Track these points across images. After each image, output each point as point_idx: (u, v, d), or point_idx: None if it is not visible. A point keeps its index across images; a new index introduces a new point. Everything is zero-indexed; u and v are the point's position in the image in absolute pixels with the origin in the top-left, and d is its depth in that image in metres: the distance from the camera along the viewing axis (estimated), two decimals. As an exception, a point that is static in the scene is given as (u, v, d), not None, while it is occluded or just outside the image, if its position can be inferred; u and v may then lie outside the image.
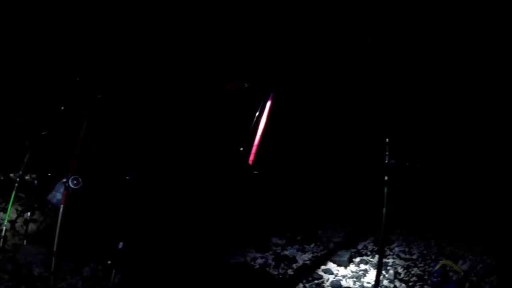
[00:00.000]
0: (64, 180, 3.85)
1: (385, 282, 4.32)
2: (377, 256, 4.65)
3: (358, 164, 5.28)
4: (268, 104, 4.51)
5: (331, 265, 4.79)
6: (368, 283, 4.42)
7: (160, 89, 5.40)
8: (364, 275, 4.56)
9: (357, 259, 4.86)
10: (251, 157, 4.37)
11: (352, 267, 4.75)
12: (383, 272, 4.41)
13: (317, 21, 5.10)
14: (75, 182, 3.84)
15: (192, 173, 5.29)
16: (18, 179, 4.63)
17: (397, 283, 4.30)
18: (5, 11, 4.86)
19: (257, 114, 4.49)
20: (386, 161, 3.82)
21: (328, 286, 4.44)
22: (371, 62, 4.91)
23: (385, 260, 4.63)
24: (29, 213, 4.94)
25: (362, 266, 4.72)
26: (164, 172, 5.23)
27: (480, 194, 4.72)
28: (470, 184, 4.85)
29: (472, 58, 4.56)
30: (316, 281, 4.51)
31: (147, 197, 5.02)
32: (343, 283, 4.45)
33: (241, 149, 4.44)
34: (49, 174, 4.65)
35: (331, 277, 4.57)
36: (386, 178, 3.82)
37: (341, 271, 4.69)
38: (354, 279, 4.50)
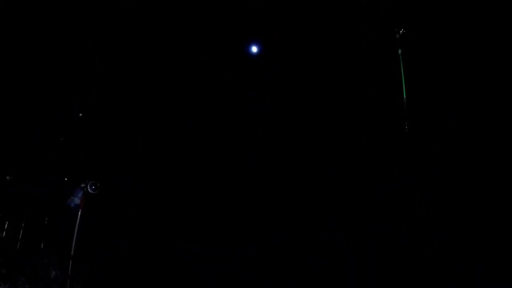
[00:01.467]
0: (83, 185, 3.86)
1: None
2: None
3: (358, 164, 5.26)
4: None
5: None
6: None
7: (160, 89, 5.40)
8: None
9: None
10: None
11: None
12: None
13: (317, 21, 5.10)
14: (93, 187, 3.85)
15: (191, 173, 5.29)
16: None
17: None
18: (5, 11, 4.86)
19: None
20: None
21: None
22: (371, 62, 4.91)
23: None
24: (46, 217, 4.91)
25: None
26: (164, 172, 5.23)
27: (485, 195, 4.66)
28: (473, 185, 4.80)
29: (472, 57, 4.55)
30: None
31: (147, 197, 5.02)
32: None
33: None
34: (66, 179, 4.63)
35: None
36: None
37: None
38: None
